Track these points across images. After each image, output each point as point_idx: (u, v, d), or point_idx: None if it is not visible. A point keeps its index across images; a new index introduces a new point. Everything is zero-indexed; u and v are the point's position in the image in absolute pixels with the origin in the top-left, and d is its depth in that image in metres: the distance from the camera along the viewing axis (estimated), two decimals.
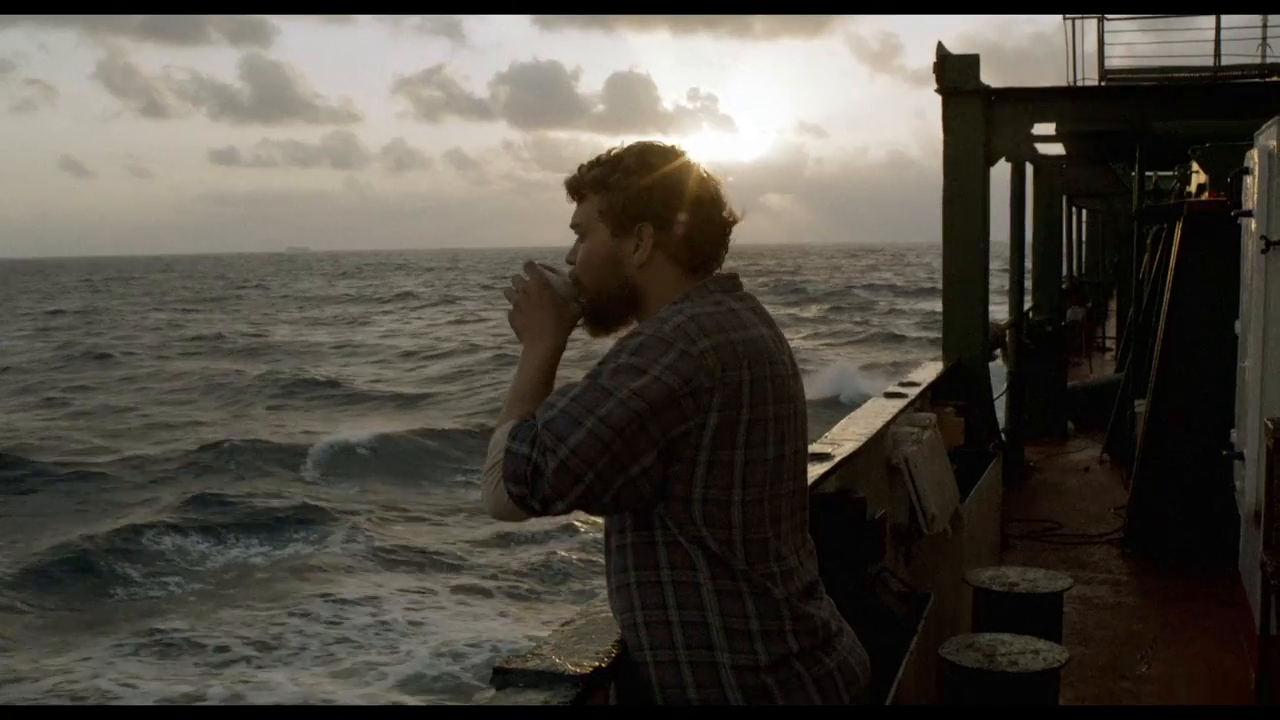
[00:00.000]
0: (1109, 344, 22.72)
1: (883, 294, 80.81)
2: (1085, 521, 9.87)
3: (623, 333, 2.41)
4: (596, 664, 2.29)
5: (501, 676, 2.24)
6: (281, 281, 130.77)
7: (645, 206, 2.37)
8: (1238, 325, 6.93)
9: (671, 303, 2.34)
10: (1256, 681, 5.94)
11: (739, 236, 2.47)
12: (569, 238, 2.51)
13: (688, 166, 2.41)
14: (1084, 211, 24.51)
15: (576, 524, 17.84)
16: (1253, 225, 6.33)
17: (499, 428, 2.30)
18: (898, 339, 50.79)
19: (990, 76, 9.19)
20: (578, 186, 2.44)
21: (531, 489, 2.18)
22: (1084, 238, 26.13)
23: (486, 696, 2.19)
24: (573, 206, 2.47)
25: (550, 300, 2.42)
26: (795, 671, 2.28)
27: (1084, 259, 26.26)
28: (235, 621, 14.99)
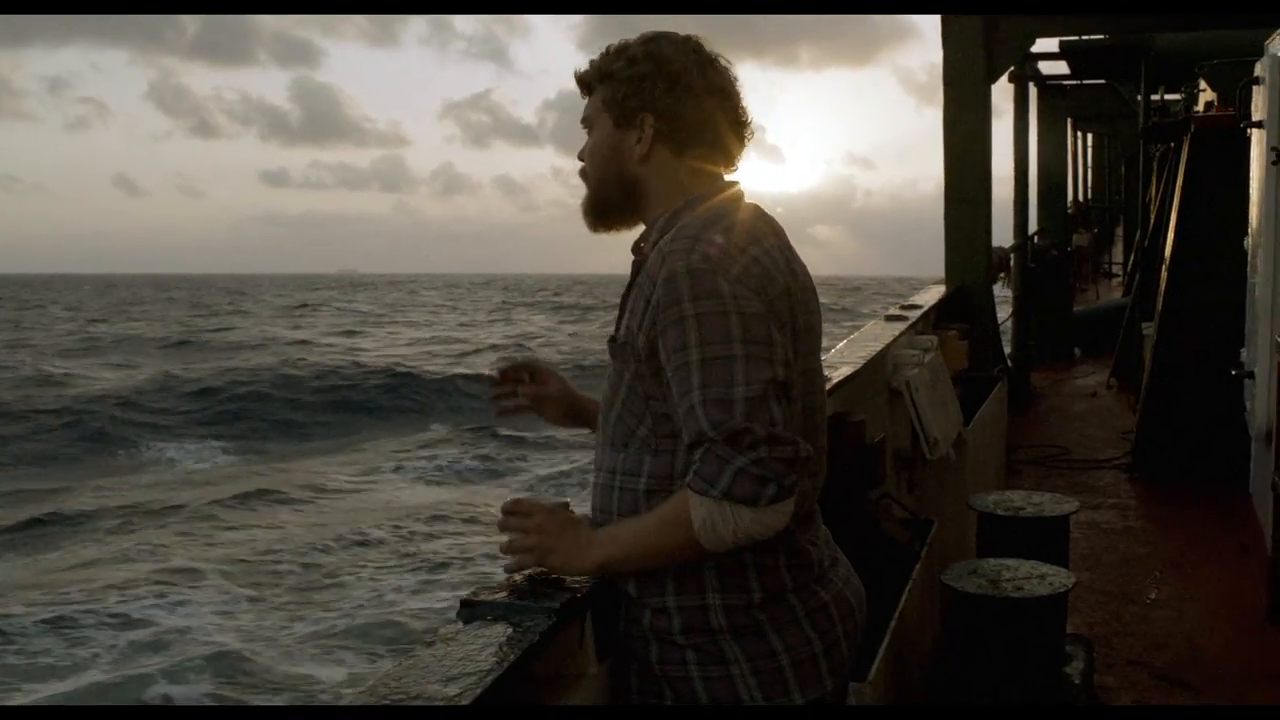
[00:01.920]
0: (1115, 269, 22.51)
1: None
2: (1093, 447, 9.75)
3: (623, 230, 2.32)
4: (570, 595, 2.15)
5: (469, 610, 2.10)
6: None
7: (648, 96, 2.21)
8: (1247, 241, 6.75)
9: (672, 215, 2.20)
10: (1268, 604, 5.83)
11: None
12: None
13: (699, 55, 2.24)
14: (1089, 136, 24.21)
15: None
16: (1263, 136, 6.14)
17: (669, 531, 2.06)
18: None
19: None
20: (585, 79, 2.31)
21: (777, 475, 1.97)
22: (1089, 162, 25.83)
23: (452, 630, 2.05)
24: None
25: (561, 516, 2.20)
26: (789, 605, 2.17)
27: (1090, 184, 25.97)
28: None
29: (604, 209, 2.33)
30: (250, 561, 16.54)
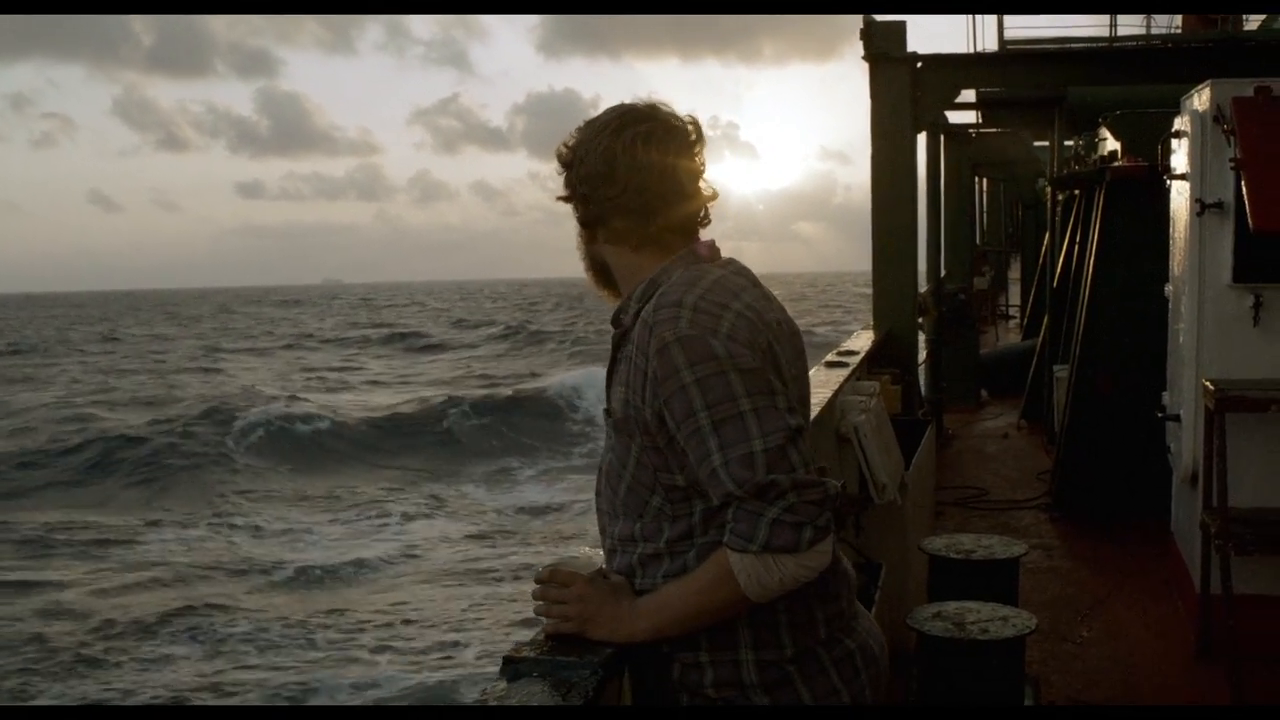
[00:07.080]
0: (1012, 311, 23.02)
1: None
2: (1009, 487, 9.96)
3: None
4: (610, 648, 2.18)
5: (513, 667, 2.12)
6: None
7: (580, 185, 2.29)
8: (1168, 288, 6.96)
9: (649, 284, 2.24)
10: (1197, 639, 6.01)
11: (776, 264, 2.33)
12: None
13: (624, 131, 2.24)
14: (984, 180, 24.73)
15: None
16: (1185, 189, 6.35)
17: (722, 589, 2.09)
18: None
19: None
20: (559, 162, 2.38)
21: (811, 517, 2.02)
22: (984, 206, 26.37)
23: (499, 689, 2.06)
24: None
25: (602, 586, 2.22)
26: (817, 657, 2.21)
27: (985, 228, 26.52)
28: None
29: (597, 280, 2.41)
30: None
